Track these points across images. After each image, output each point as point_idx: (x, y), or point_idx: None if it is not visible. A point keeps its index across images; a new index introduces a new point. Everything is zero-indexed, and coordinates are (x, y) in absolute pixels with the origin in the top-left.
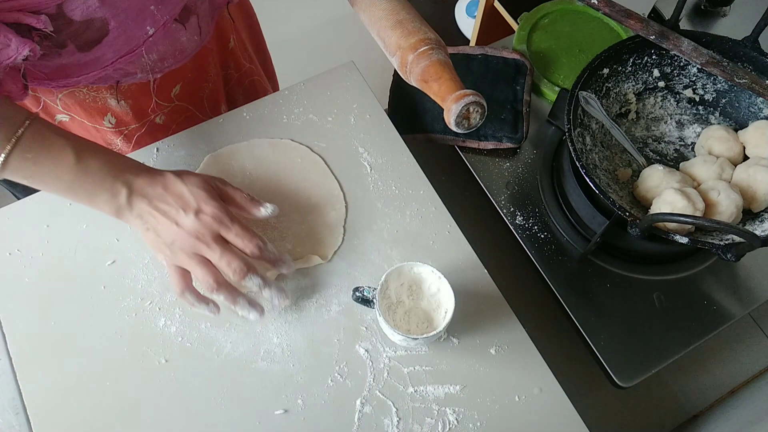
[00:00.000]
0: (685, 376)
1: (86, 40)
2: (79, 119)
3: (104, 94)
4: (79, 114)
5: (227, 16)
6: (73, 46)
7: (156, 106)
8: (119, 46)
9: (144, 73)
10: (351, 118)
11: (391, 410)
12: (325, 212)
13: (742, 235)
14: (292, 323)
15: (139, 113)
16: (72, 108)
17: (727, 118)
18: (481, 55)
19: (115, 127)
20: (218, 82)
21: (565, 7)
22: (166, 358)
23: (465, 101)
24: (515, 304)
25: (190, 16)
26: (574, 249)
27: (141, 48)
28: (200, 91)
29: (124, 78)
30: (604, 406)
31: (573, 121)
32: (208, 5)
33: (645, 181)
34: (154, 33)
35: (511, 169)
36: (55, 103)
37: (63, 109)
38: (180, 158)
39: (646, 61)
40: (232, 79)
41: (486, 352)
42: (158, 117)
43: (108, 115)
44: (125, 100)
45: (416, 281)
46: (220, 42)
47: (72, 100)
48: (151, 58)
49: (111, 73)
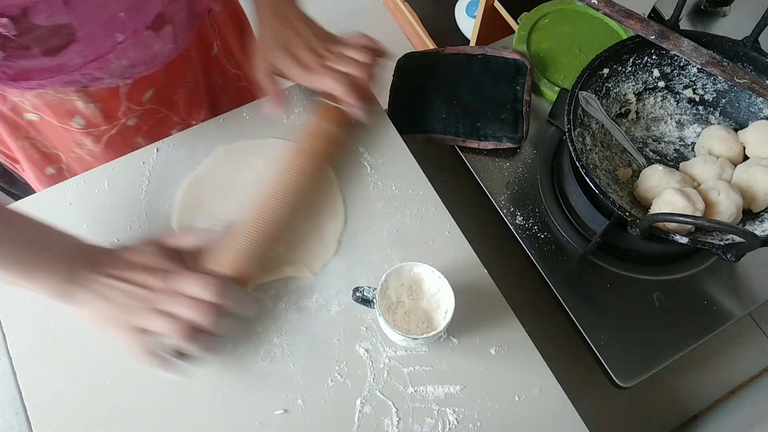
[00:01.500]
0: (685, 376)
1: (52, 45)
2: (47, 119)
3: (72, 97)
4: (47, 114)
5: (209, 23)
6: (38, 49)
7: (127, 109)
8: (87, 52)
9: (113, 78)
10: (351, 118)
11: (391, 410)
12: (322, 224)
13: (742, 235)
14: (292, 323)
15: (109, 116)
16: (40, 108)
17: (727, 118)
18: (481, 55)
19: (85, 128)
20: (197, 88)
21: (565, 7)
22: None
23: None
24: (515, 304)
25: (164, 24)
26: (574, 249)
27: (110, 54)
28: (175, 95)
29: (91, 83)
30: (604, 406)
31: (573, 121)
32: (185, 14)
33: (645, 181)
34: (124, 40)
35: (511, 169)
36: (23, 103)
37: (32, 109)
38: (180, 158)
39: (646, 61)
40: (216, 84)
41: (486, 352)
42: (129, 120)
43: (76, 117)
44: (94, 103)
45: (416, 281)
46: (201, 49)
47: (40, 101)
48: (120, 64)
49: (78, 77)
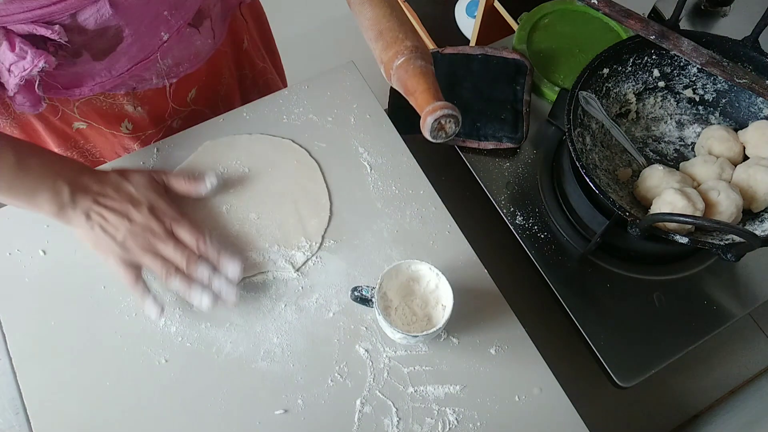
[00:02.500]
0: (685, 376)
1: (101, 48)
2: (96, 126)
3: (121, 101)
4: (96, 121)
5: (240, 17)
6: (88, 54)
7: (173, 111)
8: (134, 53)
9: (159, 78)
10: (351, 118)
11: (391, 410)
12: (306, 219)
13: (742, 235)
14: (292, 323)
15: (157, 118)
16: (89, 115)
17: (727, 118)
18: (481, 55)
19: (132, 132)
20: (233, 84)
21: (565, 7)
22: (166, 358)
23: (436, 115)
24: (515, 304)
25: (203, 19)
26: (574, 249)
27: (156, 54)
28: (215, 94)
29: (139, 84)
30: (604, 406)
31: (573, 121)
32: (220, 8)
33: (645, 181)
34: (168, 38)
35: (511, 169)
36: (72, 111)
37: (80, 117)
38: (180, 158)
39: (646, 61)
40: (246, 79)
41: (486, 352)
42: (175, 122)
43: (125, 121)
44: (142, 106)
45: (414, 279)
46: (233, 43)
47: (89, 107)
48: (166, 64)
49: (127, 79)
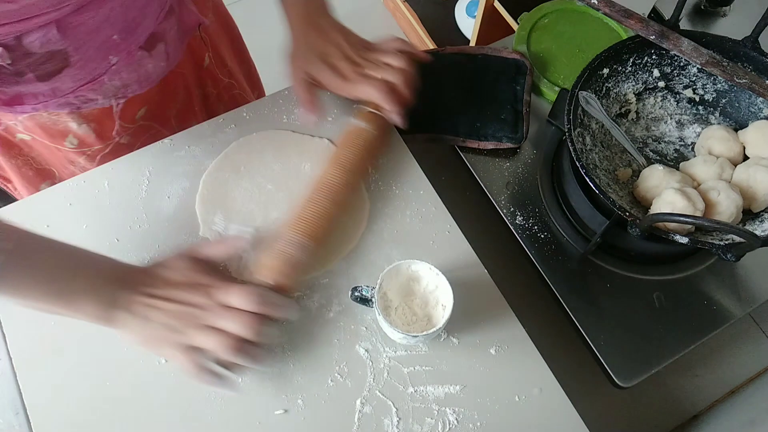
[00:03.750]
0: (685, 376)
1: (46, 70)
2: (40, 140)
3: (65, 118)
4: (40, 135)
5: (200, 37)
6: (32, 75)
7: (120, 128)
8: (81, 76)
9: (106, 98)
10: (351, 118)
11: (391, 410)
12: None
13: (742, 235)
14: (292, 323)
15: (103, 136)
16: (33, 129)
17: (727, 118)
18: (481, 55)
19: (78, 147)
20: (190, 101)
21: (565, 7)
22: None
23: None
24: (515, 304)
25: (156, 43)
26: (574, 249)
27: (103, 76)
28: (167, 111)
29: (84, 104)
30: (604, 406)
31: (573, 121)
32: (176, 31)
33: (645, 181)
34: (117, 62)
35: (511, 169)
36: (15, 125)
37: (24, 130)
38: (180, 158)
39: (646, 61)
40: (210, 96)
41: (486, 352)
42: (122, 138)
43: (69, 136)
44: (87, 123)
45: (414, 279)
46: (193, 63)
47: (32, 122)
48: (114, 85)
49: (72, 99)
